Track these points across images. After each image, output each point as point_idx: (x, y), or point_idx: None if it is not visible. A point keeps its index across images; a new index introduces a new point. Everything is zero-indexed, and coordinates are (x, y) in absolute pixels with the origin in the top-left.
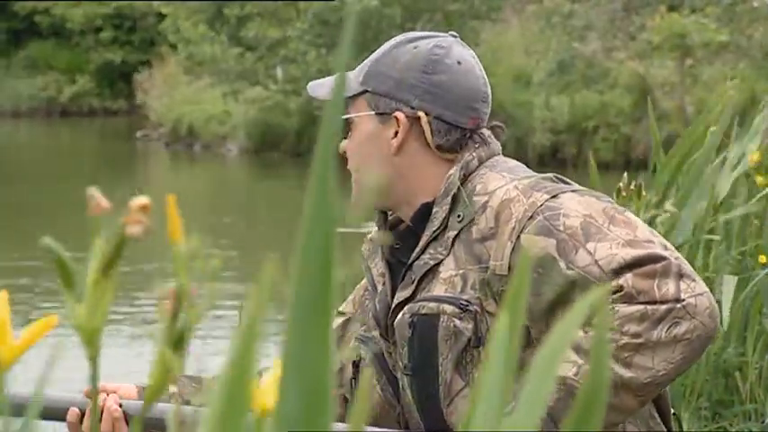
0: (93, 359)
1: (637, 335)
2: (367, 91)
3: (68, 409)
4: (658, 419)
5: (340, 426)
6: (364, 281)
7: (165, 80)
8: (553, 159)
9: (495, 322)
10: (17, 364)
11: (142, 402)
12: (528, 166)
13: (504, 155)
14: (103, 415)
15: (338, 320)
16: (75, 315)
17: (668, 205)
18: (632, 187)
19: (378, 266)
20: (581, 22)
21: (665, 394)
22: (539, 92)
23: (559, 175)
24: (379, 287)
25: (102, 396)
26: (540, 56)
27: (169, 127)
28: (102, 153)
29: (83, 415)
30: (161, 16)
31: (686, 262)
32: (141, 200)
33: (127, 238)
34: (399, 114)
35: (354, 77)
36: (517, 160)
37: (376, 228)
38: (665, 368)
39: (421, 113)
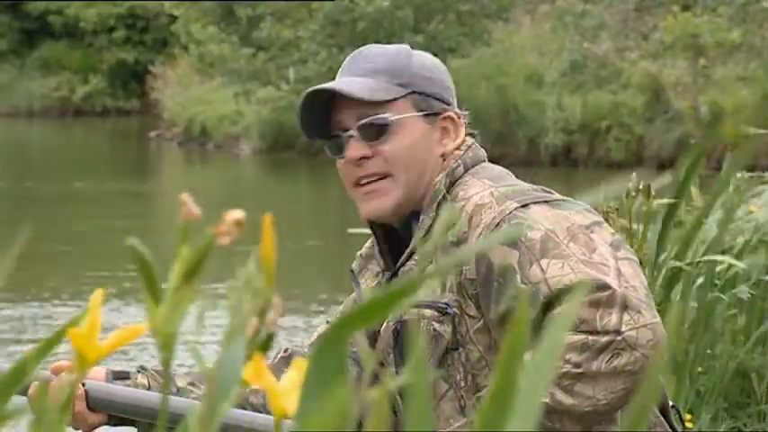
0: (167, 363)
1: (577, 365)
2: (414, 92)
3: (29, 384)
4: (659, 414)
5: None
6: (354, 294)
7: (178, 80)
8: (566, 159)
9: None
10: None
11: (107, 384)
12: (540, 167)
13: (518, 155)
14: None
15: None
16: (154, 319)
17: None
18: (641, 187)
19: (368, 282)
20: (594, 22)
21: (665, 396)
22: (551, 92)
23: (543, 187)
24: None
25: (64, 374)
26: (552, 56)
27: (182, 127)
28: (116, 152)
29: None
30: (173, 17)
31: (638, 290)
32: (237, 214)
33: (212, 247)
34: (451, 114)
35: (386, 81)
36: (530, 160)
37: (372, 246)
38: (607, 398)
39: (452, 113)
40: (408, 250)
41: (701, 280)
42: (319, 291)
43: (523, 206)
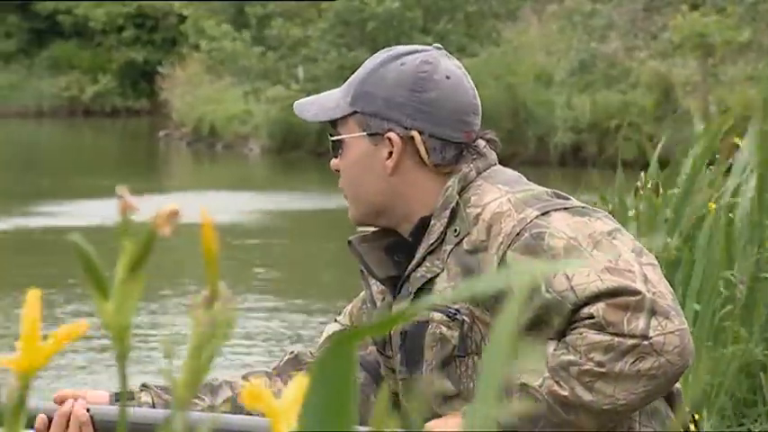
0: (123, 357)
1: (600, 364)
2: (356, 112)
3: (36, 416)
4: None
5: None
6: (363, 293)
7: (187, 80)
8: (575, 159)
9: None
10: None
11: (111, 408)
12: (549, 166)
13: (527, 154)
14: (70, 419)
15: (335, 327)
16: (104, 313)
17: None
18: (650, 186)
19: (377, 283)
20: (602, 22)
21: (678, 392)
22: (560, 91)
23: (558, 192)
24: (378, 303)
25: (69, 402)
26: (561, 55)
27: (191, 126)
28: (125, 152)
29: (50, 422)
30: (182, 17)
31: (666, 296)
32: (171, 206)
33: (155, 238)
34: (392, 135)
35: (342, 97)
36: (539, 159)
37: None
38: (626, 398)
39: (414, 133)
40: (418, 257)
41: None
42: (327, 290)
43: (544, 214)
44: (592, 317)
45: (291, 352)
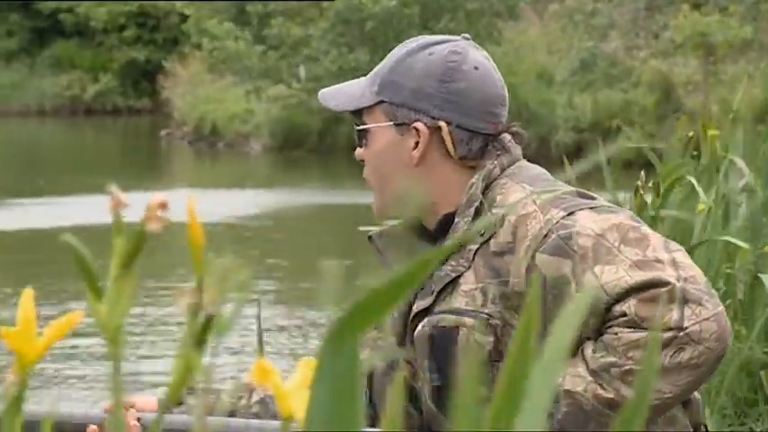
0: (116, 356)
1: (641, 361)
2: (383, 101)
3: (86, 426)
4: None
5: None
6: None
7: (188, 79)
8: (576, 157)
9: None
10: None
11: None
12: (551, 165)
13: (527, 154)
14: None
15: None
16: (97, 312)
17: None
18: (650, 185)
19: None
20: (604, 21)
21: (697, 401)
22: (561, 90)
23: (582, 190)
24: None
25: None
26: (562, 54)
27: (192, 125)
28: (127, 151)
29: None
30: (184, 16)
31: (698, 280)
32: (159, 197)
33: (146, 234)
34: (419, 125)
35: (368, 86)
36: (540, 159)
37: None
38: (672, 391)
39: (442, 123)
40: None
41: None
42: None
43: (569, 214)
44: (625, 314)
45: None
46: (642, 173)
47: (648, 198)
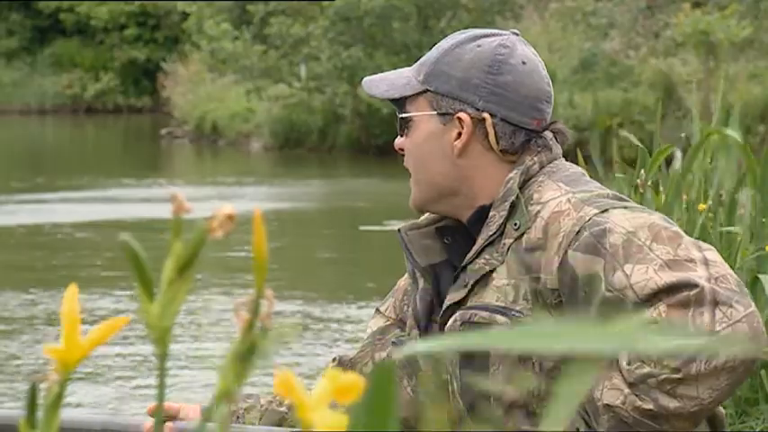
0: (162, 358)
1: (676, 370)
2: (428, 90)
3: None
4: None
5: None
6: (403, 281)
7: (189, 78)
8: (576, 156)
9: None
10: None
11: (203, 424)
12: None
13: None
14: None
15: (379, 322)
16: (148, 314)
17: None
18: (650, 184)
19: (423, 278)
20: (604, 20)
21: (721, 416)
22: (562, 89)
23: (617, 193)
24: (421, 283)
25: (149, 423)
26: (562, 53)
27: (193, 124)
28: (128, 150)
29: None
30: (185, 14)
31: (729, 280)
32: (227, 208)
33: (205, 241)
34: (463, 115)
35: (413, 75)
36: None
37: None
38: (711, 395)
39: (486, 115)
40: (476, 248)
41: None
42: (330, 289)
43: (603, 211)
44: (655, 321)
45: (334, 359)
46: (642, 171)
47: (648, 196)
